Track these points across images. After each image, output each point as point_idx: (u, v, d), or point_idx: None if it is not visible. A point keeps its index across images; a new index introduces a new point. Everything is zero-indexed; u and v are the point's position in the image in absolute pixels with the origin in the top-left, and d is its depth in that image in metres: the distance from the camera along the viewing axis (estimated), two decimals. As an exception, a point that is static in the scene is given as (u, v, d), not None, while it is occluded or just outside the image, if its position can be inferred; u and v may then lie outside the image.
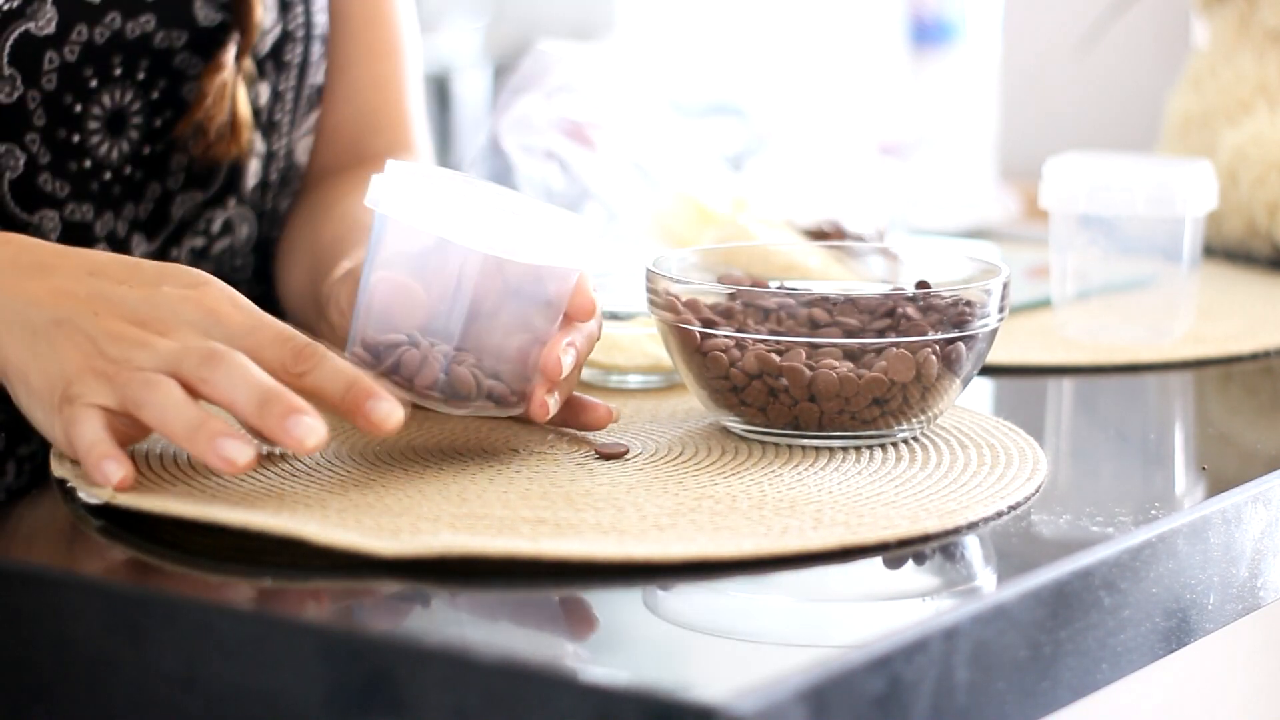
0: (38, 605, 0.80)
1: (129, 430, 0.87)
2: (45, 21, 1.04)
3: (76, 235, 1.09)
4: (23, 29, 1.03)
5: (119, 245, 1.16)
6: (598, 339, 0.96)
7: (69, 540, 0.85)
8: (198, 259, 1.19)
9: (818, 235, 1.29)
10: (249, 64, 1.14)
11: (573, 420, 0.97)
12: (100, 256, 0.90)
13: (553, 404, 0.92)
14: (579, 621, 0.79)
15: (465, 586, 0.79)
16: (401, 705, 0.71)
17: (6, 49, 1.03)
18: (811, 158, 4.10)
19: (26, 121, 1.05)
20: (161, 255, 1.18)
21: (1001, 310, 0.96)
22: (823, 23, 4.33)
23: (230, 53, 1.11)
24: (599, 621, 0.78)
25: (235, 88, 1.12)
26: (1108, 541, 0.83)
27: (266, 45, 1.15)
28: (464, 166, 1.39)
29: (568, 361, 0.91)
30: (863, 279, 1.07)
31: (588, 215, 0.88)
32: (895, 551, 0.82)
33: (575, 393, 0.97)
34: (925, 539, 0.83)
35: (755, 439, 0.96)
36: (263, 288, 1.26)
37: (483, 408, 0.90)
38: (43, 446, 1.05)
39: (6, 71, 1.03)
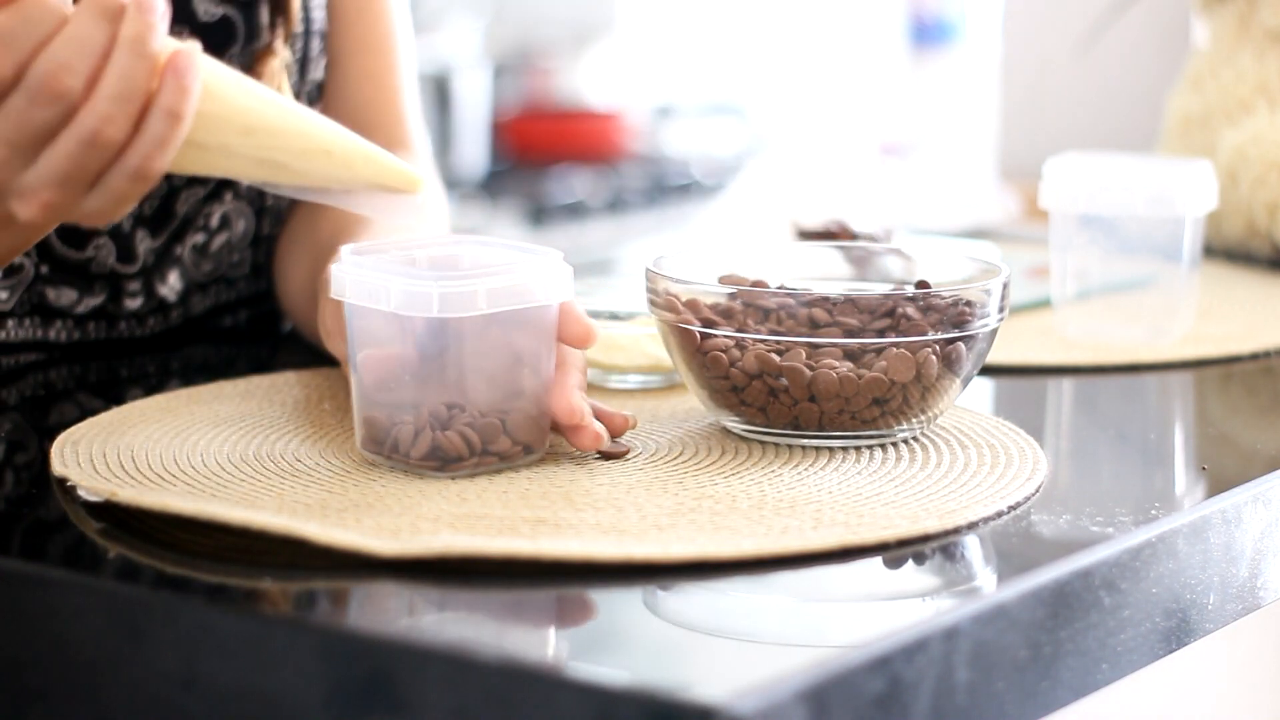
0: (38, 605, 0.80)
1: None
2: None
3: (80, 228, 1.09)
4: None
5: (124, 240, 1.16)
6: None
7: (69, 540, 0.85)
8: (199, 255, 1.20)
9: (825, 236, 1.29)
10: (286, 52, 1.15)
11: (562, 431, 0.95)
12: None
13: (597, 430, 0.91)
14: (579, 622, 0.78)
15: (465, 586, 0.79)
16: (401, 705, 0.71)
17: None
18: (812, 158, 4.10)
19: None
20: (166, 251, 1.18)
21: (1001, 310, 0.96)
22: (823, 23, 4.33)
23: (280, 37, 1.12)
24: (599, 621, 0.78)
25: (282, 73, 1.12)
26: (1108, 541, 0.83)
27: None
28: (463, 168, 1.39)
29: (583, 405, 0.90)
30: (864, 279, 1.07)
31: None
32: (895, 551, 0.82)
33: None
34: (925, 539, 0.83)
35: (755, 439, 0.95)
36: (261, 284, 1.26)
37: (485, 464, 0.89)
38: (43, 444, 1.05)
39: None
